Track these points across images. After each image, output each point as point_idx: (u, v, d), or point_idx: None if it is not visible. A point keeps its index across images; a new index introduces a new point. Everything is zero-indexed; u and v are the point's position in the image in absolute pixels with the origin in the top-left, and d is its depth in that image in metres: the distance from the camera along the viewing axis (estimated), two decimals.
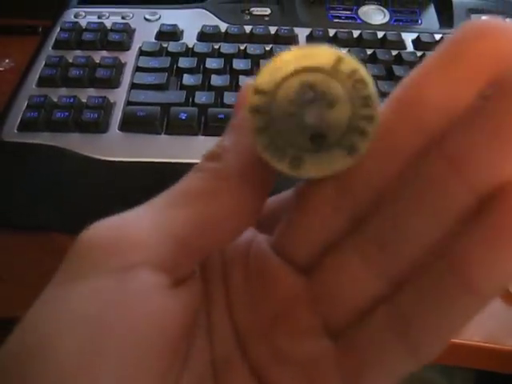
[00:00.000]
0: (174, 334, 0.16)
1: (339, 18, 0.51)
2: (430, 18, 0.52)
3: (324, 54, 0.15)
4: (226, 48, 0.46)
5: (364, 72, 0.15)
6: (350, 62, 0.15)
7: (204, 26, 0.48)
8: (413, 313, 0.15)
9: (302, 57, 0.15)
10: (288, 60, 0.15)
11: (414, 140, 0.15)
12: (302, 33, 0.49)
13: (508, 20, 0.45)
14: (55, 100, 0.41)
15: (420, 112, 0.14)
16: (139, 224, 0.16)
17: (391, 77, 0.45)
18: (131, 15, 0.49)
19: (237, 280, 0.19)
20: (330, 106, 0.15)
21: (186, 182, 0.17)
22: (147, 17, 0.49)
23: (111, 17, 0.49)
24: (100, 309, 0.15)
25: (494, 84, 0.14)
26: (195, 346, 0.18)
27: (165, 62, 0.44)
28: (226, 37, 0.48)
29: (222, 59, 0.45)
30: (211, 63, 0.44)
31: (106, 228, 0.16)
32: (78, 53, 0.45)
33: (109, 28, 0.47)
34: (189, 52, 0.46)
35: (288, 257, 0.18)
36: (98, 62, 0.44)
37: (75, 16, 0.49)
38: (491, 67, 0.14)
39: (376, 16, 0.52)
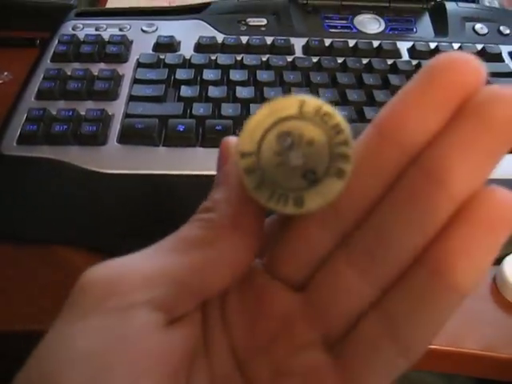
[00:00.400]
0: (172, 369, 0.17)
1: (335, 27, 0.52)
2: (424, 26, 0.53)
3: (288, 103, 0.17)
4: (223, 59, 0.46)
5: (327, 106, 0.17)
6: (312, 101, 0.17)
7: (201, 37, 0.48)
8: (401, 315, 0.17)
9: (271, 112, 0.17)
10: (260, 119, 0.17)
11: (396, 160, 0.16)
12: (298, 43, 0.49)
13: (502, 28, 0.45)
14: (54, 113, 0.41)
15: (400, 135, 0.16)
16: (140, 266, 0.17)
17: (387, 86, 0.45)
18: (128, 27, 0.50)
19: (233, 302, 0.19)
20: (309, 144, 0.17)
21: (185, 230, 0.18)
22: (144, 28, 0.50)
23: (109, 29, 0.49)
24: (100, 347, 0.16)
25: (461, 108, 0.16)
26: (195, 374, 0.18)
27: (162, 73, 0.44)
28: (223, 47, 0.48)
29: (219, 70, 0.45)
30: (208, 74, 0.45)
31: (106, 269, 0.17)
32: (76, 65, 0.45)
33: (106, 40, 0.47)
34: (186, 63, 0.46)
35: (282, 276, 0.19)
36: (96, 74, 0.44)
37: (73, 28, 0.49)
38: (459, 94, 0.15)
39: (371, 25, 0.52)
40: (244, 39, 0.48)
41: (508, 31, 0.51)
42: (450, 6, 0.53)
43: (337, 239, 0.18)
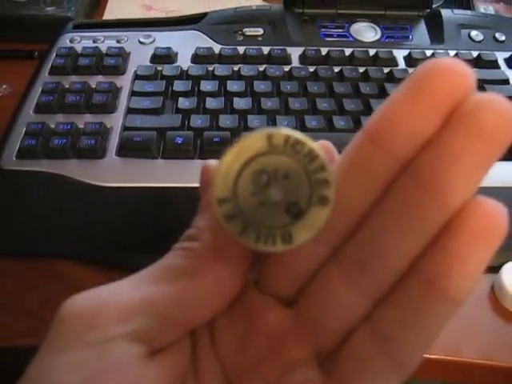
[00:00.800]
0: None
1: (331, 36, 0.52)
2: (420, 34, 0.53)
3: (256, 140, 0.16)
4: (220, 70, 0.47)
5: (296, 134, 0.16)
6: (280, 132, 0.16)
7: (198, 48, 0.48)
8: (394, 327, 0.16)
9: (240, 153, 0.16)
10: (230, 162, 0.16)
11: (387, 166, 0.16)
12: (294, 52, 0.49)
13: (497, 34, 0.45)
14: (53, 127, 0.41)
15: (391, 140, 0.16)
16: (120, 297, 0.17)
17: (384, 95, 0.45)
18: (126, 39, 0.50)
19: (222, 321, 0.19)
20: (286, 177, 0.16)
21: (168, 259, 0.18)
22: (141, 40, 0.50)
23: (106, 41, 0.49)
24: (82, 380, 0.16)
25: (452, 115, 0.15)
26: None
27: (160, 85, 0.45)
28: (220, 58, 0.48)
29: (217, 81, 0.45)
30: (206, 86, 0.45)
31: (86, 301, 0.17)
32: (74, 78, 0.46)
33: (104, 52, 0.48)
34: (183, 75, 0.46)
35: (272, 291, 0.19)
36: (93, 87, 0.45)
37: (70, 41, 0.49)
38: (448, 100, 0.15)
39: (367, 33, 0.52)
40: (241, 49, 0.49)
41: (503, 38, 0.52)
42: (445, 13, 0.54)
43: (327, 251, 0.18)
